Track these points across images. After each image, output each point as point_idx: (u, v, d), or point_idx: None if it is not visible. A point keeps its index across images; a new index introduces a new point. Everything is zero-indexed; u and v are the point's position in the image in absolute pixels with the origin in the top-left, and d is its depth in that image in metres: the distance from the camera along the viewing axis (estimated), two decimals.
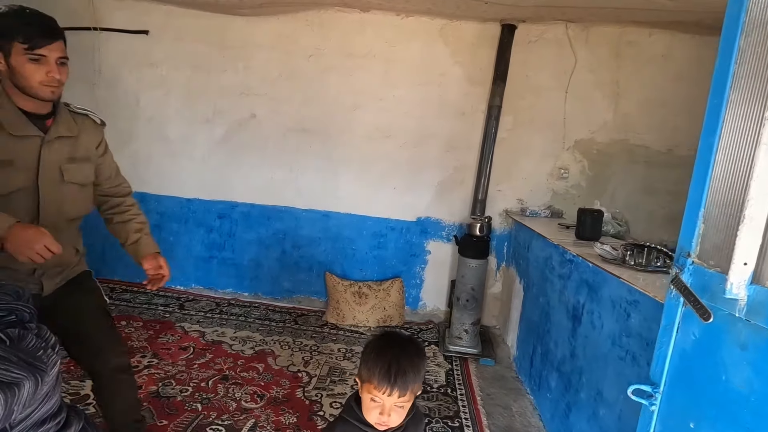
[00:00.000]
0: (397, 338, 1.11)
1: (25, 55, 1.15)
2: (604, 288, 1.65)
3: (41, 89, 1.20)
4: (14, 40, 1.15)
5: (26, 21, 1.17)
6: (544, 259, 2.28)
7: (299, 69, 3.02)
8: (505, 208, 3.06)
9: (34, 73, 1.18)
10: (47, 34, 1.18)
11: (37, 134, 1.24)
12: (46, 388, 0.56)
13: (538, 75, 2.91)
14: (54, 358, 0.57)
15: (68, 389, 2.01)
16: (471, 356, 2.66)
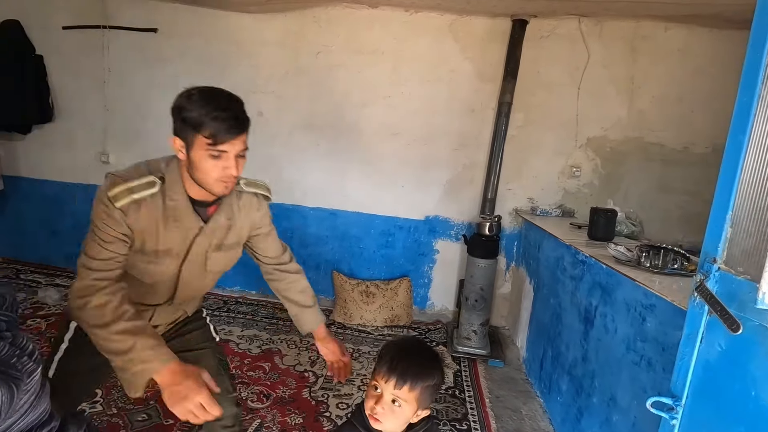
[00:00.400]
0: (418, 342, 1.11)
1: (206, 150, 1.05)
2: (618, 290, 1.60)
3: (216, 185, 1.10)
4: (199, 133, 1.04)
5: (215, 114, 1.03)
6: (556, 260, 2.23)
7: (307, 66, 3.00)
8: (515, 207, 3.00)
9: (212, 169, 1.07)
10: (234, 127, 1.05)
11: (199, 225, 1.17)
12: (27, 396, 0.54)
13: (549, 71, 2.85)
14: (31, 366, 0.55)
15: None
16: (480, 357, 2.62)
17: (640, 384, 1.39)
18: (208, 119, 1.03)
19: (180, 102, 1.07)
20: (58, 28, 3.13)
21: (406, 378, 0.96)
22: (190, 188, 1.13)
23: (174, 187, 1.12)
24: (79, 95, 3.22)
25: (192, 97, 1.05)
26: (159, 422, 1.84)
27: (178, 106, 1.07)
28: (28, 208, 3.43)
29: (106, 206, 1.06)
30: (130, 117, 3.20)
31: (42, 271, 3.33)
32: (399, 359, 0.98)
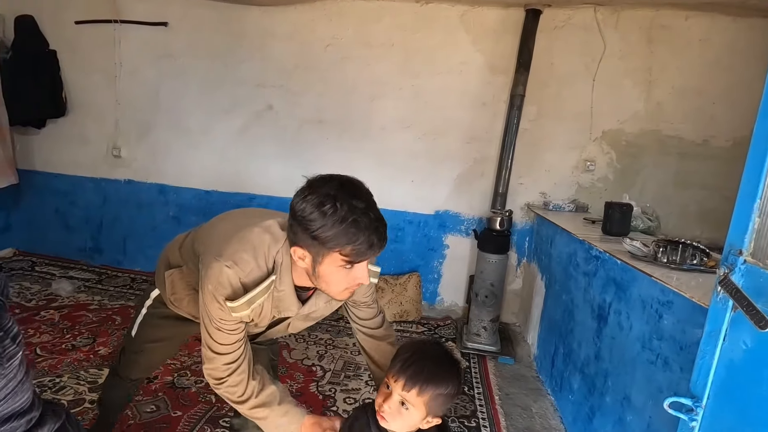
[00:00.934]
0: (437, 347, 1.03)
1: (341, 266, 0.93)
2: (633, 287, 1.55)
3: (340, 294, 1.01)
4: (335, 252, 0.91)
5: (358, 235, 0.89)
6: (568, 255, 2.18)
7: (316, 59, 2.97)
8: (526, 201, 2.95)
9: (343, 280, 0.96)
10: (378, 246, 0.93)
11: (298, 308, 1.10)
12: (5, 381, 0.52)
13: (564, 62, 2.78)
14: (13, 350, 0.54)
15: (86, 377, 2.04)
16: (489, 354, 2.58)
17: (656, 384, 1.34)
18: (348, 240, 0.89)
19: (308, 214, 0.90)
20: (71, 23, 3.15)
21: (416, 381, 0.93)
22: (297, 278, 1.04)
23: (283, 279, 1.03)
24: (91, 90, 3.25)
25: (325, 212, 0.89)
26: (167, 414, 1.85)
27: (305, 219, 0.90)
28: (42, 201, 3.48)
29: (224, 311, 1.00)
30: (140, 111, 3.22)
31: (56, 264, 3.38)
32: (413, 361, 0.95)
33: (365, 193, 0.96)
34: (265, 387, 1.09)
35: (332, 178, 0.95)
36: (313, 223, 0.89)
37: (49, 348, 2.25)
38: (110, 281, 3.17)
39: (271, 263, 1.02)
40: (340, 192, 0.91)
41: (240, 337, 1.06)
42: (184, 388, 2.03)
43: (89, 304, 2.77)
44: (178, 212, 3.30)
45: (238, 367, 1.06)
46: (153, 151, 3.26)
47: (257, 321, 1.10)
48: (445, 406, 0.98)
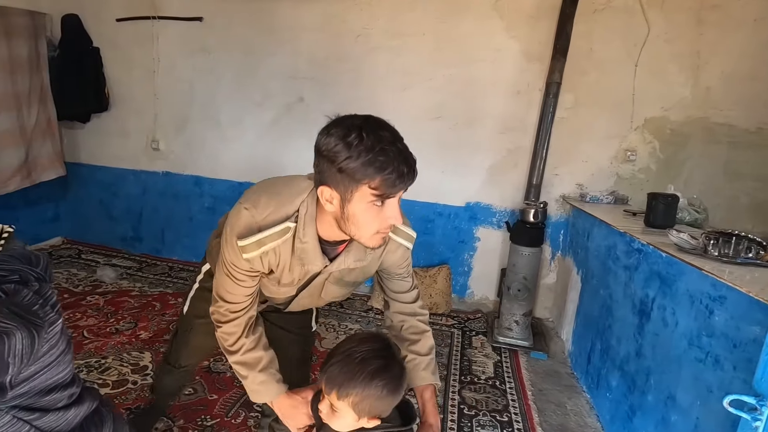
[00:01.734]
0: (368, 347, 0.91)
1: (370, 202, 0.88)
2: (680, 281, 1.47)
3: (372, 239, 0.95)
4: (364, 185, 0.87)
5: (386, 163, 0.86)
6: (607, 249, 2.09)
7: (347, 50, 2.97)
8: (562, 193, 2.85)
9: (374, 220, 0.91)
10: (408, 175, 0.89)
11: (324, 264, 1.05)
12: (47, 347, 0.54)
13: (603, 48, 2.65)
14: (53, 317, 0.56)
15: (129, 359, 2.14)
16: (521, 349, 2.53)
17: (704, 383, 1.27)
18: (378, 166, 0.85)
19: (333, 147, 0.87)
20: (113, 21, 3.27)
21: (333, 384, 0.87)
22: (323, 230, 1.00)
23: (306, 229, 0.99)
24: (132, 85, 3.37)
25: (351, 142, 0.85)
26: (204, 396, 1.91)
27: (331, 152, 0.87)
28: (87, 192, 3.66)
29: (235, 251, 1.00)
30: (177, 104, 3.31)
31: (100, 252, 3.55)
32: (334, 362, 0.89)
33: (391, 127, 0.92)
34: (254, 349, 1.09)
35: (356, 114, 0.92)
36: (340, 155, 0.85)
37: (94, 331, 2.36)
38: (150, 269, 3.30)
39: (292, 210, 0.99)
40: (366, 124, 0.88)
41: (248, 292, 1.06)
42: (220, 372, 2.09)
43: (131, 291, 2.90)
44: (212, 203, 3.39)
45: (236, 318, 1.07)
46: (189, 144, 3.35)
47: (280, 276, 1.06)
48: (379, 408, 0.90)
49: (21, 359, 0.50)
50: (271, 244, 0.97)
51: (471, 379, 2.22)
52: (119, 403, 1.82)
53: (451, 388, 2.12)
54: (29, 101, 3.10)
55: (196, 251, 3.48)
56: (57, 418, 0.58)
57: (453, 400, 2.03)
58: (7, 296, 0.51)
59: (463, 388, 2.13)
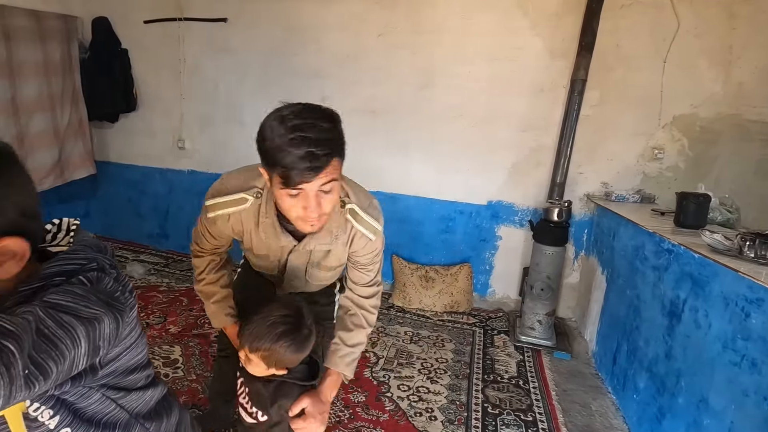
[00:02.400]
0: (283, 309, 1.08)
1: (282, 189, 0.92)
2: (713, 282, 1.44)
3: (298, 224, 0.99)
4: (274, 171, 0.91)
5: (289, 149, 0.86)
6: (634, 249, 2.06)
7: (368, 49, 2.98)
8: (586, 192, 2.81)
9: (291, 208, 0.95)
10: (309, 169, 0.87)
11: (292, 244, 1.12)
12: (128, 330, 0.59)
13: (631, 44, 2.60)
14: (131, 302, 0.61)
15: (160, 353, 2.20)
16: (544, 348, 2.52)
17: (739, 386, 1.25)
18: (281, 155, 0.86)
19: (262, 125, 0.92)
20: (140, 23, 3.35)
21: (246, 341, 1.05)
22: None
23: (267, 207, 1.07)
24: (159, 85, 3.45)
25: (273, 121, 0.89)
26: None
27: (260, 131, 0.92)
28: (116, 190, 3.77)
29: (204, 207, 1.17)
30: (202, 104, 3.38)
31: (129, 248, 3.66)
32: (250, 323, 1.05)
33: (323, 117, 0.91)
34: (212, 285, 1.31)
35: (303, 102, 0.94)
36: (259, 137, 0.93)
37: None
38: (176, 265, 3.39)
39: (255, 186, 1.10)
40: (295, 111, 0.89)
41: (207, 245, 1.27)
42: None
43: (159, 286, 2.98)
44: None
45: (201, 257, 1.31)
46: (213, 143, 3.42)
47: (250, 246, 1.20)
48: (285, 362, 1.07)
49: (108, 342, 0.54)
50: (229, 210, 1.11)
51: (494, 378, 2.22)
52: None
53: (474, 387, 2.13)
54: (62, 102, 3.21)
55: None
56: (138, 398, 0.64)
57: (476, 398, 2.04)
58: (92, 284, 0.55)
59: (486, 387, 2.13)
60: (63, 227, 0.63)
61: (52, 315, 0.48)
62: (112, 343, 0.56)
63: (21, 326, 0.44)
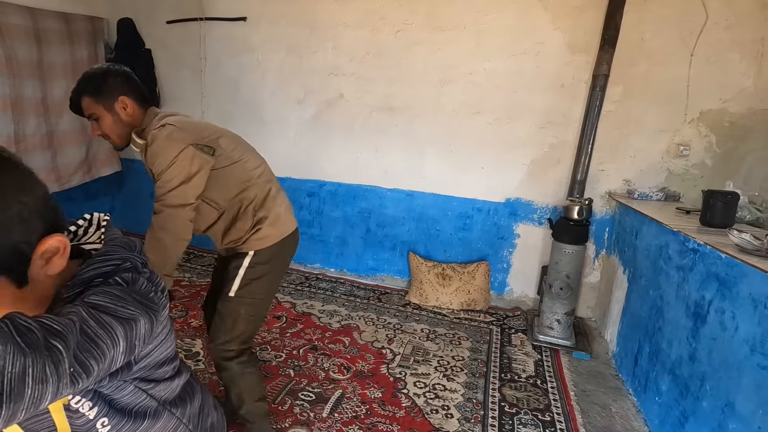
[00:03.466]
0: None
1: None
2: (741, 283, 1.40)
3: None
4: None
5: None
6: (658, 248, 2.01)
7: (386, 46, 2.98)
8: (608, 189, 2.76)
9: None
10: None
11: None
12: (161, 328, 0.61)
13: (656, 37, 2.53)
14: (164, 301, 0.63)
15: (182, 346, 2.26)
16: (563, 348, 2.48)
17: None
18: None
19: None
20: (163, 23, 3.43)
21: None
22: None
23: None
24: (180, 84, 3.52)
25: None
26: None
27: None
28: (139, 187, 3.87)
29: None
30: (223, 102, 3.44)
31: None
32: None
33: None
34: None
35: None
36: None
37: None
38: (197, 260, 3.46)
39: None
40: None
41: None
42: (266, 361, 2.18)
43: (181, 280, 3.06)
44: None
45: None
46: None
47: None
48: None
49: (143, 341, 0.56)
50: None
51: (511, 376, 2.20)
52: None
53: (491, 385, 2.12)
54: None
55: None
56: (165, 387, 0.67)
57: (493, 397, 2.03)
58: (128, 285, 0.57)
59: (503, 386, 2.12)
60: (94, 222, 0.66)
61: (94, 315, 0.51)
62: (147, 342, 0.58)
63: (67, 326, 0.47)
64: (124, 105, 1.34)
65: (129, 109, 1.35)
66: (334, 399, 1.93)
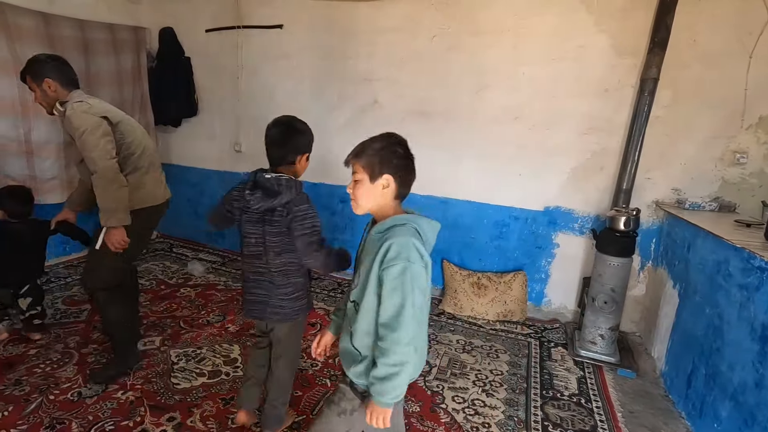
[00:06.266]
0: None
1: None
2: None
3: None
4: None
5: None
6: (716, 264, 1.89)
7: (422, 51, 2.94)
8: (654, 198, 2.63)
9: None
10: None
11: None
12: None
13: (710, 38, 2.39)
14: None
15: (221, 351, 2.29)
16: (607, 365, 2.38)
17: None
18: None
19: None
20: (202, 32, 3.51)
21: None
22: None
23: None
24: (218, 91, 3.60)
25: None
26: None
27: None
28: (177, 191, 3.93)
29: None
30: (258, 108, 3.49)
31: (189, 246, 3.84)
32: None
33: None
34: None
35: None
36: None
37: (189, 322, 2.56)
38: (231, 264, 3.52)
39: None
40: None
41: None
42: (302, 369, 2.18)
43: (217, 284, 3.11)
44: None
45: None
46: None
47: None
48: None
49: None
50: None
51: (553, 394, 2.12)
52: (215, 393, 1.96)
53: (533, 402, 2.04)
54: (132, 109, 3.42)
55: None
56: None
57: (536, 415, 1.96)
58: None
59: (546, 404, 2.04)
60: None
61: None
62: None
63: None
64: (48, 84, 1.81)
65: (52, 87, 1.81)
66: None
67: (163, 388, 1.97)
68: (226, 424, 1.77)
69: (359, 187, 1.15)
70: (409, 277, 1.02)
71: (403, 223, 1.10)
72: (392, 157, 1.13)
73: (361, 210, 1.16)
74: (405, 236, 1.05)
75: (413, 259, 1.03)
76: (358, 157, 1.15)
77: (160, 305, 2.74)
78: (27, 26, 2.68)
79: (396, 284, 1.02)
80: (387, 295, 1.04)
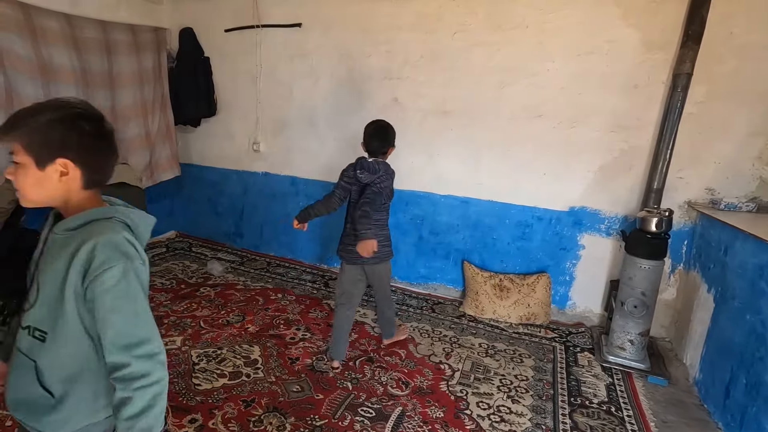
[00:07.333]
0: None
1: None
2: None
3: None
4: None
5: None
6: (758, 267, 1.79)
7: (442, 48, 2.88)
8: (687, 199, 2.52)
9: None
10: None
11: None
12: None
13: (747, 31, 2.28)
14: None
15: (241, 352, 2.28)
16: (636, 371, 2.29)
17: None
18: None
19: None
20: (221, 32, 3.51)
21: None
22: None
23: None
24: (236, 90, 3.60)
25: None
26: (311, 395, 1.97)
27: None
28: (197, 191, 4.00)
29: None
30: (277, 108, 3.47)
31: (208, 246, 3.86)
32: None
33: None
34: None
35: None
36: None
37: (209, 322, 2.56)
38: (250, 264, 3.52)
39: None
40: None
41: None
42: (323, 372, 2.15)
43: (236, 284, 3.11)
44: (307, 202, 3.49)
45: None
46: (286, 146, 3.51)
47: None
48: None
49: None
50: None
51: (582, 401, 2.05)
52: (236, 394, 1.94)
53: (561, 410, 1.97)
54: (153, 109, 3.45)
55: (291, 247, 3.64)
56: None
57: (564, 423, 1.89)
58: None
59: (574, 412, 1.97)
60: None
61: None
62: None
63: None
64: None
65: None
66: (395, 417, 1.86)
67: (185, 388, 1.97)
68: (248, 427, 1.76)
69: (22, 174, 0.83)
70: (134, 276, 0.82)
71: (107, 217, 0.87)
72: (68, 134, 0.83)
73: (30, 203, 0.85)
74: (112, 232, 0.83)
75: (132, 256, 0.83)
76: (10, 133, 0.81)
77: (181, 305, 2.75)
78: (52, 28, 2.71)
79: (119, 292, 0.80)
80: (111, 310, 0.80)
